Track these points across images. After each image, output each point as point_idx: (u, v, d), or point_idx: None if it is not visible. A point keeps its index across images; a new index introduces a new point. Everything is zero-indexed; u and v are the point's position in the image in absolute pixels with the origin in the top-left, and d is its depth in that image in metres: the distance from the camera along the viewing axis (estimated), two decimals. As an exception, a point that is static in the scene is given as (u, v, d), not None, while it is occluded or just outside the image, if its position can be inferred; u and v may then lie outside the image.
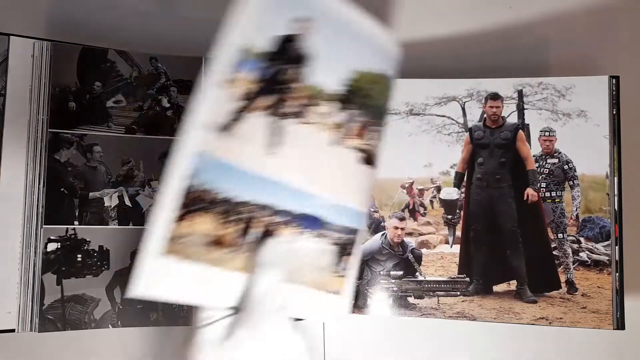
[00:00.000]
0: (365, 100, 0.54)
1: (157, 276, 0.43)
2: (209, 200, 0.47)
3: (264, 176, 0.50)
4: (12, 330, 0.54)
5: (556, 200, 0.62)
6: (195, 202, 0.47)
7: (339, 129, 0.53)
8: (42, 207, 0.56)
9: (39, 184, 0.56)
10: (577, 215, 0.61)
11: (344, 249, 0.56)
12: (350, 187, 0.55)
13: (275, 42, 0.50)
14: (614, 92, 0.60)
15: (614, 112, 0.60)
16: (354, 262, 0.57)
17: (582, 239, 0.61)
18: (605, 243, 0.60)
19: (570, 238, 0.61)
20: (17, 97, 0.56)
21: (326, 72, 0.52)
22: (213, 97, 0.46)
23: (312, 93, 0.52)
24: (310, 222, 0.54)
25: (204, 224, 0.47)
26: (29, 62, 0.56)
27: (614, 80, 0.60)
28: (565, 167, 0.61)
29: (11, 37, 0.56)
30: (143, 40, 0.68)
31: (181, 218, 0.46)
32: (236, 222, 0.49)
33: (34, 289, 0.55)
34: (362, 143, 0.56)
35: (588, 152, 0.60)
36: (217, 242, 0.48)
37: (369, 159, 0.56)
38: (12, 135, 0.55)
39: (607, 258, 0.59)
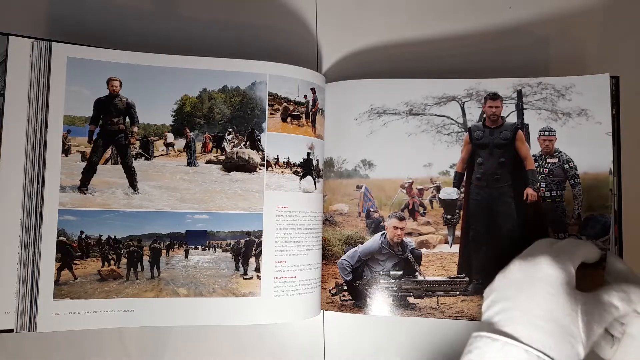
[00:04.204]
0: (200, 119, 0.61)
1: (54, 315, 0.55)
2: (85, 246, 0.57)
3: (132, 212, 0.58)
4: (11, 330, 0.54)
5: (556, 199, 0.61)
6: (75, 250, 0.57)
7: (185, 151, 0.61)
8: (41, 206, 0.56)
9: (37, 184, 0.56)
10: (579, 214, 0.61)
11: (245, 252, 0.60)
12: (222, 195, 0.60)
13: (96, 104, 0.58)
14: (613, 93, 0.60)
15: (614, 112, 0.60)
16: (267, 261, 0.60)
17: (583, 238, 0.60)
18: (604, 238, 0.59)
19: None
20: (16, 97, 0.55)
21: (152, 110, 0.60)
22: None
23: (148, 131, 0.60)
24: (193, 237, 0.60)
25: (89, 266, 0.57)
26: (28, 62, 0.56)
27: (613, 80, 0.60)
28: (566, 166, 0.61)
29: (10, 37, 0.56)
30: (143, 40, 0.68)
31: (64, 266, 0.56)
32: (119, 257, 0.58)
33: (33, 289, 0.55)
34: (215, 155, 0.62)
35: (590, 150, 0.60)
36: (106, 278, 0.58)
37: (229, 165, 0.61)
38: (11, 135, 0.55)
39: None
